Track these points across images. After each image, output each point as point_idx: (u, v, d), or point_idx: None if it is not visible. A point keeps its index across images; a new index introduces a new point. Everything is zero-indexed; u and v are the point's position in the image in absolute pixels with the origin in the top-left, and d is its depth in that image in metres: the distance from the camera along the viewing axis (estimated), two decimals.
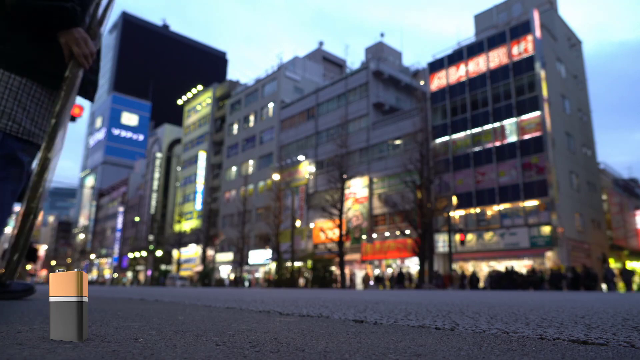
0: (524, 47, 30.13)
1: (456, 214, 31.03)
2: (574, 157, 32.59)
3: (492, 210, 29.82)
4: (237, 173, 51.48)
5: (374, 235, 34.90)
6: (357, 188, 36.93)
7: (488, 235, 29.52)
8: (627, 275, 23.38)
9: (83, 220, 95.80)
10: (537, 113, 28.70)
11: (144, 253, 60.89)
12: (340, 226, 30.97)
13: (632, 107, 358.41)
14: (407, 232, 30.52)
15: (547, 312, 2.53)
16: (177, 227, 58.31)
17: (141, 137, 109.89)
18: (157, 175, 67.01)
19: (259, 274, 43.20)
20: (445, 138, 32.80)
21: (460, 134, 32.22)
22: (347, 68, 57.71)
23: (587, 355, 1.02)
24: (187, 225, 57.11)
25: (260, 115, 50.21)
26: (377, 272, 33.35)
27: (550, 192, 27.25)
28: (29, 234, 2.10)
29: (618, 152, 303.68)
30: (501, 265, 28.72)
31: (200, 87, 65.86)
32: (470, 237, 30.00)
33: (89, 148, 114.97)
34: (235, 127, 53.82)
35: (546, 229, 27.14)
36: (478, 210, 30.35)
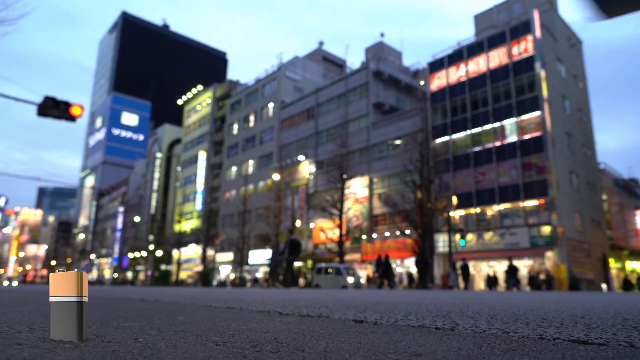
0: (524, 47, 30.13)
1: (456, 214, 31.03)
2: (574, 157, 32.59)
3: (492, 210, 29.82)
4: (237, 173, 51.48)
5: (374, 235, 34.91)
6: (357, 188, 36.93)
7: (488, 235, 29.52)
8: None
9: (83, 220, 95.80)
10: (537, 113, 28.70)
11: (144, 253, 60.89)
12: (340, 226, 30.98)
13: (627, 84, 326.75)
14: (407, 232, 30.52)
15: (547, 312, 2.53)
16: (177, 227, 58.32)
17: (141, 137, 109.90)
18: (157, 175, 67.01)
19: (259, 274, 43.20)
20: (445, 138, 32.80)
21: (460, 134, 32.21)
22: (347, 68, 57.70)
23: (587, 355, 1.02)
24: (187, 225, 57.12)
25: (260, 115, 50.21)
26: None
27: (550, 192, 27.25)
28: None
29: (612, 138, 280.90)
30: (501, 265, 28.73)
31: (200, 87, 65.86)
32: (470, 237, 30.00)
33: (89, 148, 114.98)
34: (235, 127, 53.82)
35: (546, 229, 27.14)
36: (478, 210, 30.35)
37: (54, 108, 10.47)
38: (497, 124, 30.50)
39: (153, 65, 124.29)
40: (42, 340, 1.11)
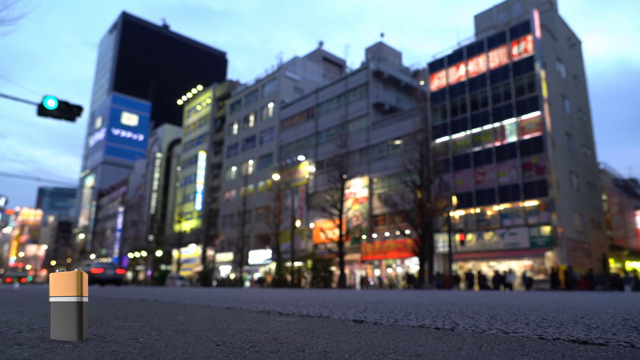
0: (524, 47, 30.13)
1: (456, 214, 31.03)
2: (574, 157, 32.59)
3: (492, 210, 29.81)
4: (237, 173, 51.48)
5: (374, 235, 34.90)
6: (357, 188, 36.92)
7: (488, 235, 29.52)
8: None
9: (83, 220, 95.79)
10: (537, 113, 28.70)
11: (144, 253, 60.88)
12: (340, 226, 30.97)
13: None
14: (407, 232, 30.52)
15: (547, 312, 2.52)
16: (177, 227, 58.31)
17: (141, 137, 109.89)
18: (157, 175, 67.00)
19: (259, 274, 43.20)
20: (445, 138, 32.79)
21: (460, 134, 32.21)
22: (347, 68, 57.68)
23: (587, 355, 1.02)
24: (187, 225, 57.11)
25: (260, 115, 50.21)
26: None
27: (550, 192, 27.25)
28: None
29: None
30: (502, 265, 28.73)
31: (200, 87, 65.85)
32: (470, 237, 30.00)
33: (89, 148, 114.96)
34: (235, 127, 53.81)
35: (546, 229, 27.14)
36: (478, 210, 30.34)
37: (55, 109, 10.47)
38: (497, 124, 30.50)
39: (153, 65, 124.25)
40: (42, 340, 1.11)
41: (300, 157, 41.69)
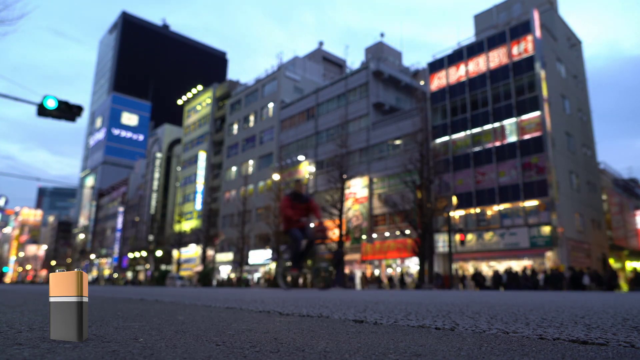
0: (524, 47, 30.13)
1: (456, 214, 31.03)
2: (574, 157, 32.59)
3: (492, 210, 29.81)
4: (237, 173, 51.49)
5: (374, 235, 34.90)
6: (357, 188, 36.93)
7: (488, 235, 29.52)
8: None
9: (83, 220, 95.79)
10: (537, 113, 28.70)
11: (144, 253, 60.90)
12: (340, 226, 30.98)
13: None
14: (407, 232, 30.52)
15: (547, 312, 2.53)
16: (177, 227, 58.32)
17: (141, 137, 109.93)
18: (157, 175, 67.01)
19: (259, 274, 43.20)
20: (445, 138, 32.80)
21: (460, 134, 32.21)
22: (347, 68, 57.70)
23: (587, 355, 1.02)
24: (187, 225, 57.12)
25: (260, 115, 50.21)
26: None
27: (550, 192, 27.25)
28: None
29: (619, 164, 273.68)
30: (502, 265, 28.73)
31: (200, 87, 65.86)
32: (470, 237, 30.00)
33: (89, 148, 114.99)
34: (235, 127, 53.82)
35: (546, 229, 27.14)
36: (478, 210, 30.35)
37: (56, 109, 10.47)
38: (497, 124, 30.50)
39: (153, 65, 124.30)
40: (42, 340, 1.11)
41: (300, 157, 41.69)
